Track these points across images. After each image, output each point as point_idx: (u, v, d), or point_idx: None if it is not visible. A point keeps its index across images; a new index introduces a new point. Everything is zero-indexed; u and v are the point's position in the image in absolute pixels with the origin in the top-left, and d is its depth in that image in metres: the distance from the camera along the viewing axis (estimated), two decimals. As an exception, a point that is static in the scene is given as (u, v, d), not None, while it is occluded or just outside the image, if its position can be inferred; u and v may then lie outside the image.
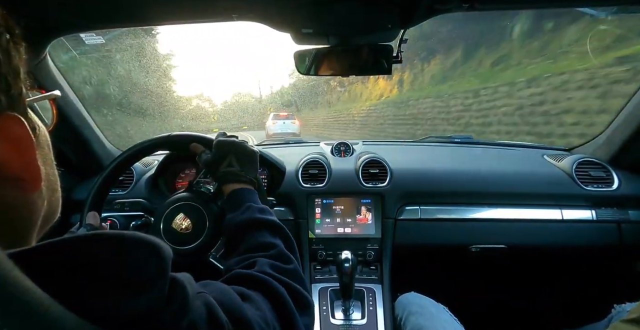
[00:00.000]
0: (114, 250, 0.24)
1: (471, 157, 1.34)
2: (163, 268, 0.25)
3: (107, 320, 0.20)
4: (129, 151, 0.82)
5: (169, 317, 0.24)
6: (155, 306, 0.23)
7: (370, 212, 1.12)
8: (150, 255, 0.25)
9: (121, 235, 0.24)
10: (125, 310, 0.22)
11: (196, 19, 0.75)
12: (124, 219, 0.94)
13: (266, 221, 0.57)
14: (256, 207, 0.60)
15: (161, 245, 0.26)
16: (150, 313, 0.23)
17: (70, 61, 3.10)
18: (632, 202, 1.08)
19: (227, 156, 0.68)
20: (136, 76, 4.74)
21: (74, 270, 0.22)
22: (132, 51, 4.34)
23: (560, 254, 1.20)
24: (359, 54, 0.79)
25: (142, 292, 0.23)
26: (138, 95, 4.64)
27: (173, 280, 0.26)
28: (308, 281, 1.07)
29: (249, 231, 0.56)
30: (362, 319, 0.96)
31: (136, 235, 0.25)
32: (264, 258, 0.49)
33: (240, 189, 0.65)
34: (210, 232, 0.76)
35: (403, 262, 1.12)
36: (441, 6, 0.67)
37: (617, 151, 1.12)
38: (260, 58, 29.05)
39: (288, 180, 1.14)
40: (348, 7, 0.67)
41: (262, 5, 0.68)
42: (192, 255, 0.76)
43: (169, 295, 0.25)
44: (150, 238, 0.25)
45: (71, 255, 0.22)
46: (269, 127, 9.02)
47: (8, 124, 0.23)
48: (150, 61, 4.72)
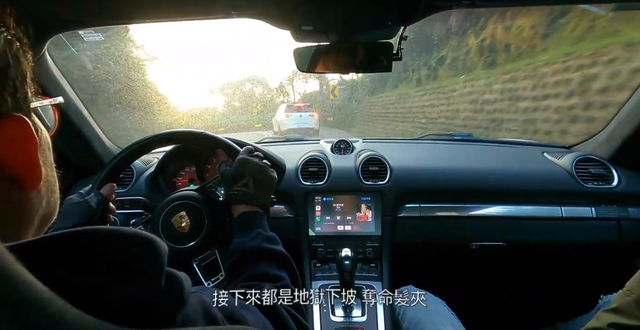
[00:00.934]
0: (110, 245, 0.24)
1: (471, 154, 1.34)
2: (158, 262, 0.25)
3: (104, 311, 0.21)
4: (160, 135, 0.83)
5: (164, 310, 0.25)
6: (150, 298, 0.24)
7: (370, 209, 1.12)
8: (146, 249, 0.25)
9: (118, 230, 0.25)
10: (122, 302, 0.22)
11: (196, 16, 0.75)
12: (124, 217, 0.94)
13: (275, 252, 0.58)
14: (265, 234, 0.61)
15: (157, 240, 0.26)
16: (145, 305, 0.24)
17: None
18: (632, 199, 1.08)
19: (245, 176, 0.69)
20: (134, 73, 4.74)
21: (72, 263, 0.22)
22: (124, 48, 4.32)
23: (560, 252, 1.20)
24: (358, 52, 0.78)
25: (138, 284, 0.23)
26: (139, 91, 4.64)
27: (169, 275, 0.26)
28: (308, 278, 1.08)
29: (256, 260, 0.56)
30: (362, 316, 0.96)
31: (132, 230, 0.26)
32: (271, 288, 0.50)
33: (250, 212, 0.65)
34: (205, 236, 0.76)
35: (403, 259, 1.13)
36: (441, 3, 0.67)
37: (617, 149, 1.12)
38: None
39: (288, 177, 1.14)
40: (348, 5, 0.67)
41: (262, 3, 0.68)
42: (183, 254, 0.76)
43: (164, 289, 0.25)
44: (147, 234, 0.26)
45: (69, 249, 0.23)
46: (282, 121, 7.25)
47: (13, 125, 0.24)
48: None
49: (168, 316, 0.25)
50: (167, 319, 0.25)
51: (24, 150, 0.25)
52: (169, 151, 1.07)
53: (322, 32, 0.76)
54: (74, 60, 2.72)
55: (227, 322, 0.33)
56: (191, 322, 0.28)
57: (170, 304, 0.25)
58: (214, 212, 0.78)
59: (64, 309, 0.18)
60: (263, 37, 22.61)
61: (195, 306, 0.29)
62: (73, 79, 1.06)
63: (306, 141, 1.50)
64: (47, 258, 0.22)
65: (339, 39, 0.77)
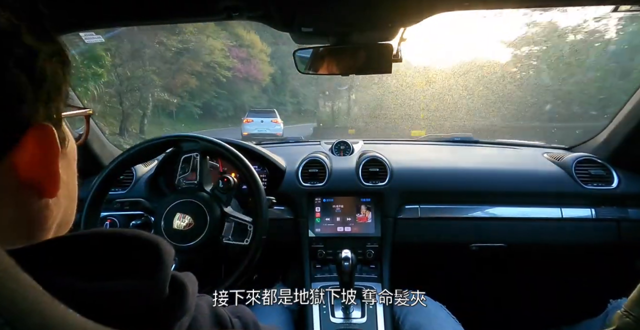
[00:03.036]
0: (113, 246, 0.24)
1: (471, 156, 1.34)
2: (161, 263, 0.25)
3: (107, 316, 0.21)
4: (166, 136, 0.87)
5: (170, 312, 0.25)
6: (155, 301, 0.24)
7: (370, 211, 1.12)
8: (149, 251, 0.25)
9: (120, 232, 0.25)
10: (125, 306, 0.22)
11: (196, 17, 0.75)
12: (124, 218, 0.94)
13: None
14: None
15: (161, 241, 0.26)
16: (149, 307, 0.23)
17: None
18: (632, 200, 1.08)
19: None
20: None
21: (73, 267, 0.22)
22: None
23: (560, 253, 1.20)
24: (359, 53, 0.79)
25: (141, 287, 0.23)
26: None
27: (174, 278, 0.26)
28: (308, 280, 1.07)
29: None
30: (362, 318, 0.96)
31: (135, 231, 0.26)
32: None
33: None
34: (206, 236, 0.77)
35: (403, 260, 1.13)
36: (442, 5, 0.67)
37: (617, 149, 1.12)
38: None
39: (288, 179, 1.14)
40: (348, 6, 0.67)
41: (263, 5, 0.68)
42: (184, 252, 0.77)
43: (170, 292, 0.25)
44: (149, 235, 0.26)
45: (71, 252, 0.23)
46: (243, 126, 7.46)
47: (40, 133, 0.24)
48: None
49: (172, 321, 0.25)
50: (171, 324, 0.24)
51: (45, 158, 0.25)
52: (168, 153, 1.07)
53: (322, 34, 0.76)
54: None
55: (234, 319, 0.33)
56: (197, 323, 0.28)
57: (175, 307, 0.25)
58: (214, 214, 0.78)
59: (64, 314, 0.18)
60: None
61: (201, 308, 0.29)
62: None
63: (306, 142, 1.50)
64: (46, 262, 0.22)
65: (340, 40, 0.77)
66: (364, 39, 0.77)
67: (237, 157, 0.86)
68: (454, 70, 5.55)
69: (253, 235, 0.85)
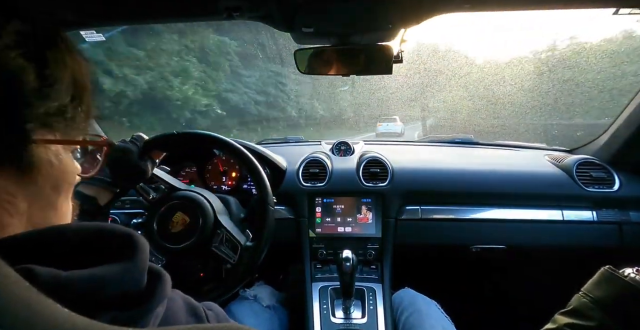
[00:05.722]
0: (91, 240, 0.25)
1: (472, 157, 1.34)
2: (138, 248, 0.26)
3: (92, 301, 0.22)
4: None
5: (147, 304, 0.25)
6: (136, 284, 0.25)
7: (370, 211, 1.12)
8: (125, 239, 0.26)
9: (99, 226, 0.26)
10: (109, 290, 0.23)
11: (197, 17, 0.76)
12: (125, 217, 0.94)
13: None
14: None
15: (135, 234, 0.27)
16: (132, 293, 0.24)
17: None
18: (633, 203, 1.07)
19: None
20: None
21: (54, 257, 0.23)
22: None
23: (561, 255, 1.20)
24: (359, 54, 0.79)
25: (125, 269, 0.24)
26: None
27: (150, 267, 0.27)
28: (308, 280, 1.07)
29: None
30: (363, 318, 0.96)
31: (113, 226, 0.27)
32: None
33: None
34: (199, 238, 0.76)
35: (403, 261, 1.12)
36: (443, 6, 0.67)
37: (618, 152, 1.11)
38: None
39: (288, 179, 1.14)
40: (349, 7, 0.68)
41: (263, 5, 0.68)
42: (175, 253, 0.76)
43: (147, 284, 0.26)
44: (125, 229, 0.27)
45: (50, 243, 0.24)
46: (377, 128, 8.85)
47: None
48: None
49: (150, 310, 0.25)
50: (148, 313, 0.25)
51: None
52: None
53: (323, 34, 0.76)
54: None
55: (207, 312, 0.34)
56: (174, 315, 0.29)
57: (152, 299, 0.26)
58: (208, 219, 0.78)
59: (52, 308, 0.18)
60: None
61: (177, 301, 0.31)
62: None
63: (307, 142, 1.50)
64: (27, 254, 0.22)
65: (340, 41, 0.77)
66: (364, 40, 0.77)
67: (248, 159, 0.83)
68: (454, 71, 5.52)
69: (239, 259, 0.78)
